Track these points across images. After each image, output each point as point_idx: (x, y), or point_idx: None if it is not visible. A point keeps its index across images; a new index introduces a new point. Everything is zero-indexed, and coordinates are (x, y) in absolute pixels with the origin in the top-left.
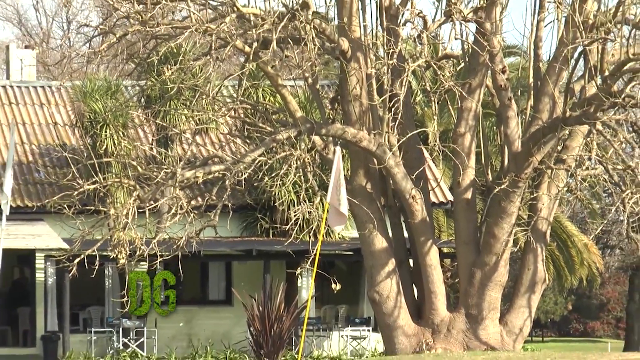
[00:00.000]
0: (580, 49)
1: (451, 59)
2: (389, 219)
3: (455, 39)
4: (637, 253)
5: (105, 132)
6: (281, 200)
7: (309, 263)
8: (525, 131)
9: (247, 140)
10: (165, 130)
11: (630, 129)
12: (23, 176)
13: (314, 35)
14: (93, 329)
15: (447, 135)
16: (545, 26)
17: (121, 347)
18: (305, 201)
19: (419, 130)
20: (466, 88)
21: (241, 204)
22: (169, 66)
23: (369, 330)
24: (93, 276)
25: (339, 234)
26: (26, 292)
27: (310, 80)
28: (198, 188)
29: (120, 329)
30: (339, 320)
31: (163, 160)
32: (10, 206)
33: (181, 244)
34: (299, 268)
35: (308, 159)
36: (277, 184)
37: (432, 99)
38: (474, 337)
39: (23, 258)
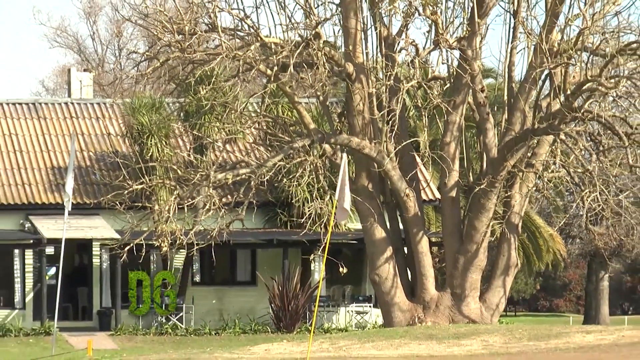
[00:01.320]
0: (546, 71)
1: (439, 80)
2: (387, 213)
3: (442, 63)
4: (594, 242)
5: (151, 141)
6: (297, 198)
7: (320, 250)
8: (501, 140)
9: (269, 148)
10: (200, 139)
11: (588, 138)
12: (82, 178)
13: (325, 61)
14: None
15: (436, 143)
16: (517, 53)
17: (164, 321)
18: (317, 199)
19: (412, 139)
20: (451, 104)
21: (264, 201)
22: (203, 86)
23: (370, 306)
24: (140, 261)
25: (345, 226)
26: (84, 274)
27: (321, 98)
28: (228, 188)
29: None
30: (345, 298)
31: (199, 165)
32: (72, 203)
33: (214, 234)
34: (312, 254)
35: (319, 163)
36: (293, 185)
37: (423, 113)
38: (458, 312)
39: (82, 246)
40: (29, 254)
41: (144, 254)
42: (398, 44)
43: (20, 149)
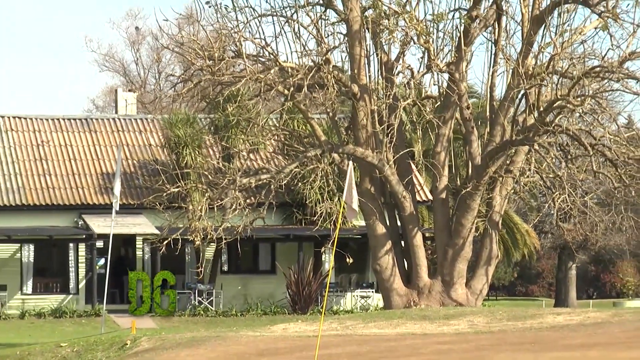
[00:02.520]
0: (522, 91)
1: (431, 99)
2: (387, 212)
3: (434, 84)
4: (563, 237)
5: (185, 151)
6: (310, 199)
7: (329, 244)
8: (484, 150)
9: (286, 157)
10: (228, 149)
11: (558, 148)
12: (127, 182)
13: (334, 82)
14: (177, 291)
15: (428, 153)
16: (497, 75)
17: (196, 304)
18: (327, 200)
19: (408, 149)
20: (441, 119)
21: (282, 202)
22: (230, 104)
23: (372, 292)
24: (177, 253)
25: (351, 223)
26: (129, 264)
27: (330, 114)
28: (251, 191)
29: (196, 291)
30: (351, 285)
31: (226, 171)
32: (118, 204)
33: (239, 230)
34: (323, 247)
35: (329, 170)
36: (307, 188)
37: (417, 127)
38: (447, 297)
39: (127, 241)
40: (81, 247)
41: (179, 247)
42: (396, 68)
43: (74, 158)
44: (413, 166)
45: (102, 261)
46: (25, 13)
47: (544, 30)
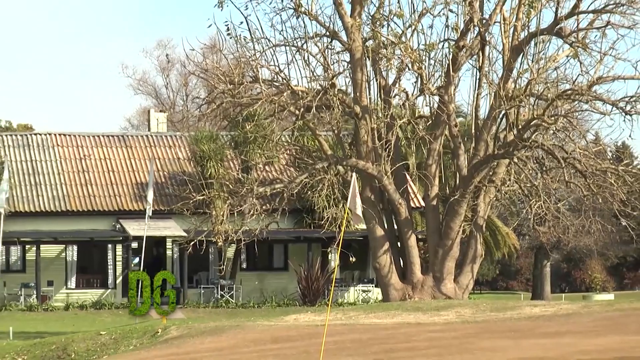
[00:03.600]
0: (503, 112)
1: (423, 118)
2: (385, 217)
3: (426, 106)
4: (539, 238)
5: (209, 163)
6: (318, 206)
7: (335, 245)
8: (469, 163)
9: (297, 169)
10: (246, 162)
11: (535, 161)
12: (158, 191)
13: (338, 104)
14: (202, 286)
15: (421, 165)
16: (481, 97)
17: (219, 297)
18: (333, 207)
19: (403, 162)
20: (432, 136)
21: (293, 208)
22: (248, 123)
23: (372, 286)
24: (202, 253)
25: (354, 226)
26: (160, 263)
27: (336, 131)
28: (267, 198)
29: (219, 286)
30: (354, 280)
31: (245, 181)
32: (151, 210)
33: (257, 233)
34: (329, 248)
35: (335, 180)
36: (315, 196)
37: (411, 143)
38: (438, 291)
39: (158, 242)
40: (118, 248)
41: (204, 247)
42: (393, 91)
43: (112, 170)
44: (408, 177)
45: (137, 260)
46: (70, 43)
47: (522, 58)
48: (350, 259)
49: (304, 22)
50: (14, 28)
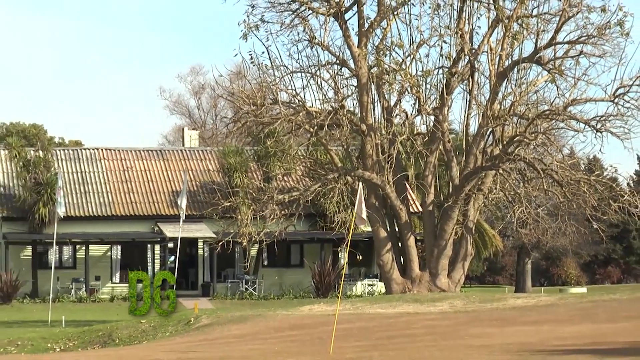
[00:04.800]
0: (490, 129)
1: (421, 135)
2: (387, 220)
3: (423, 124)
4: (521, 239)
5: (235, 174)
6: (330, 211)
7: (344, 245)
8: (461, 174)
9: (312, 179)
10: (267, 173)
11: (518, 172)
12: (191, 198)
13: (347, 122)
14: (229, 280)
15: (419, 176)
16: (471, 117)
17: (243, 290)
18: (342, 212)
19: (403, 173)
20: (429, 150)
21: (308, 213)
22: (269, 139)
23: (377, 281)
24: (229, 252)
25: (360, 229)
26: (193, 260)
27: (345, 146)
28: (285, 204)
29: (243, 280)
30: (361, 275)
31: (266, 190)
32: (185, 214)
33: (276, 234)
34: (339, 247)
35: (344, 189)
36: (327, 202)
37: (410, 156)
38: (433, 285)
39: (191, 242)
40: (156, 247)
41: (231, 247)
42: (394, 111)
43: (151, 180)
44: (407, 186)
45: (172, 258)
46: (116, 70)
47: (506, 83)
48: (358, 257)
49: (317, 52)
50: (70, 59)
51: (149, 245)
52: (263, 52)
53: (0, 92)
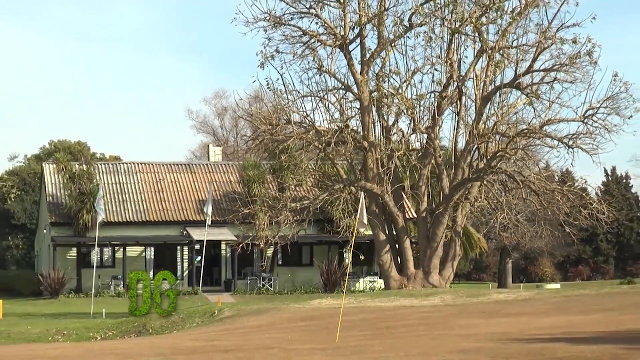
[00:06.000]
0: (476, 146)
1: (415, 150)
2: (386, 225)
3: (417, 141)
4: (503, 242)
5: (254, 185)
6: (336, 217)
7: (348, 246)
8: (450, 184)
9: (320, 189)
10: (281, 184)
11: (500, 183)
12: (215, 206)
13: (351, 140)
14: (248, 278)
15: (414, 186)
16: (459, 135)
17: (260, 286)
18: (347, 217)
19: (400, 184)
20: (422, 164)
21: (317, 219)
22: (283, 154)
23: (377, 278)
24: (248, 253)
25: (363, 233)
26: (216, 260)
27: (349, 161)
28: (297, 211)
29: (260, 277)
30: (363, 273)
31: (281, 199)
32: (210, 220)
33: (289, 237)
34: (344, 249)
35: (348, 197)
36: (334, 209)
37: (406, 169)
38: (426, 282)
39: (215, 244)
40: (185, 249)
41: (250, 248)
42: (392, 130)
43: (180, 190)
44: (403, 195)
45: (199, 258)
46: (150, 94)
47: (489, 105)
48: (360, 257)
49: (325, 79)
50: (110, 85)
51: (178, 247)
52: (278, 79)
53: (50, 114)
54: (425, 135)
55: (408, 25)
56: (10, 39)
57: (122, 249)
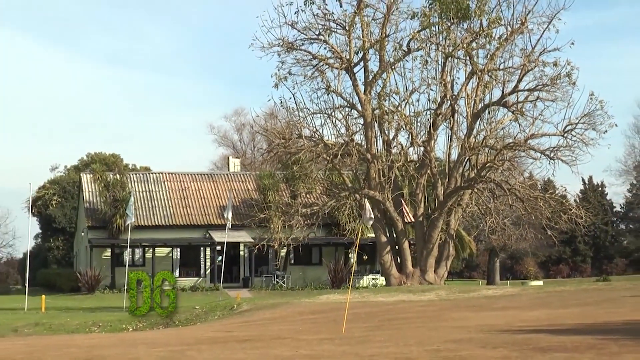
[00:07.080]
0: (467, 157)
1: (413, 162)
2: (387, 229)
3: (415, 153)
4: (492, 243)
5: (269, 193)
6: (342, 221)
7: (353, 247)
8: (444, 192)
9: (328, 196)
10: (294, 192)
11: (489, 191)
12: (235, 211)
13: (356, 152)
14: (264, 275)
15: (412, 193)
16: (452, 148)
17: (275, 283)
18: (352, 222)
19: (399, 191)
20: (419, 174)
21: (325, 223)
22: (295, 165)
23: (379, 276)
24: (264, 253)
25: (366, 235)
26: (236, 259)
27: (354, 171)
28: (307, 216)
29: (275, 275)
30: (367, 271)
31: (293, 205)
32: (230, 224)
33: (301, 240)
34: (350, 250)
35: (353, 204)
36: (340, 214)
37: (405, 178)
38: (423, 279)
39: (235, 246)
40: (208, 250)
41: (265, 249)
42: (392, 144)
43: (203, 197)
44: (402, 201)
45: (220, 258)
46: (175, 113)
47: (479, 122)
48: (364, 257)
49: (332, 98)
50: (140, 103)
51: (201, 248)
52: (290, 98)
53: (88, 130)
54: (422, 148)
55: (406, 50)
56: (60, 68)
57: (151, 250)
